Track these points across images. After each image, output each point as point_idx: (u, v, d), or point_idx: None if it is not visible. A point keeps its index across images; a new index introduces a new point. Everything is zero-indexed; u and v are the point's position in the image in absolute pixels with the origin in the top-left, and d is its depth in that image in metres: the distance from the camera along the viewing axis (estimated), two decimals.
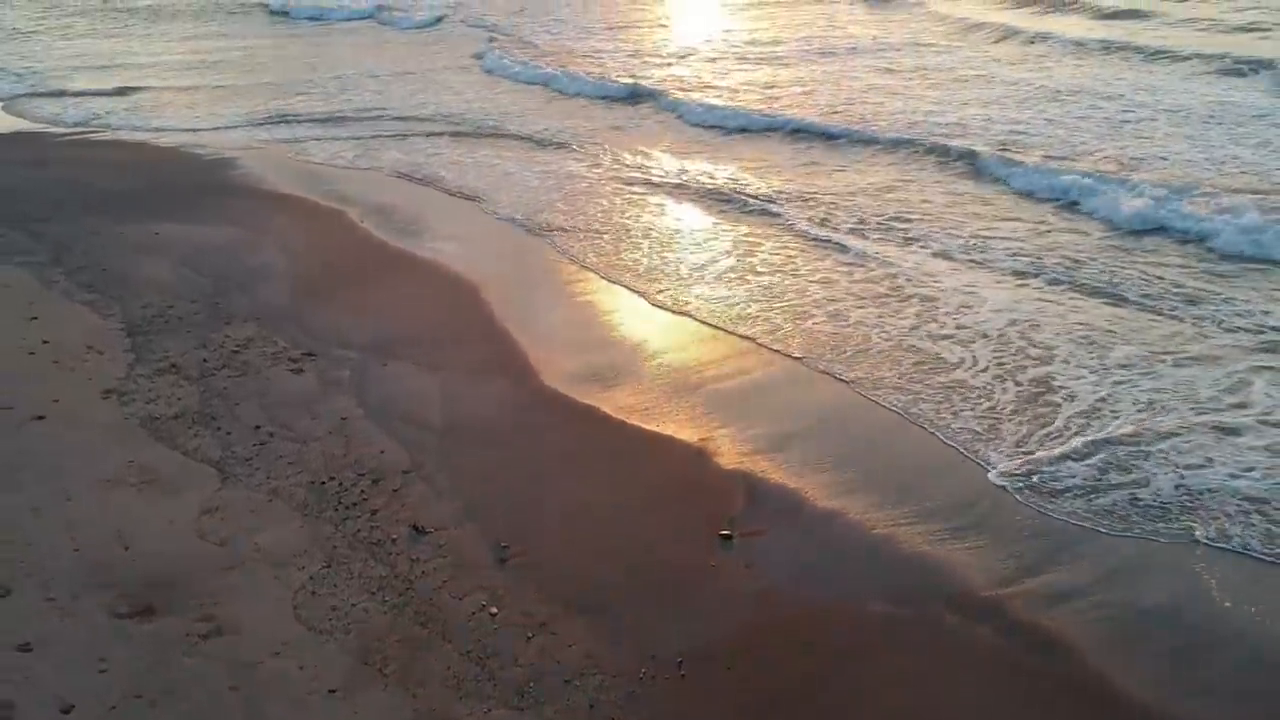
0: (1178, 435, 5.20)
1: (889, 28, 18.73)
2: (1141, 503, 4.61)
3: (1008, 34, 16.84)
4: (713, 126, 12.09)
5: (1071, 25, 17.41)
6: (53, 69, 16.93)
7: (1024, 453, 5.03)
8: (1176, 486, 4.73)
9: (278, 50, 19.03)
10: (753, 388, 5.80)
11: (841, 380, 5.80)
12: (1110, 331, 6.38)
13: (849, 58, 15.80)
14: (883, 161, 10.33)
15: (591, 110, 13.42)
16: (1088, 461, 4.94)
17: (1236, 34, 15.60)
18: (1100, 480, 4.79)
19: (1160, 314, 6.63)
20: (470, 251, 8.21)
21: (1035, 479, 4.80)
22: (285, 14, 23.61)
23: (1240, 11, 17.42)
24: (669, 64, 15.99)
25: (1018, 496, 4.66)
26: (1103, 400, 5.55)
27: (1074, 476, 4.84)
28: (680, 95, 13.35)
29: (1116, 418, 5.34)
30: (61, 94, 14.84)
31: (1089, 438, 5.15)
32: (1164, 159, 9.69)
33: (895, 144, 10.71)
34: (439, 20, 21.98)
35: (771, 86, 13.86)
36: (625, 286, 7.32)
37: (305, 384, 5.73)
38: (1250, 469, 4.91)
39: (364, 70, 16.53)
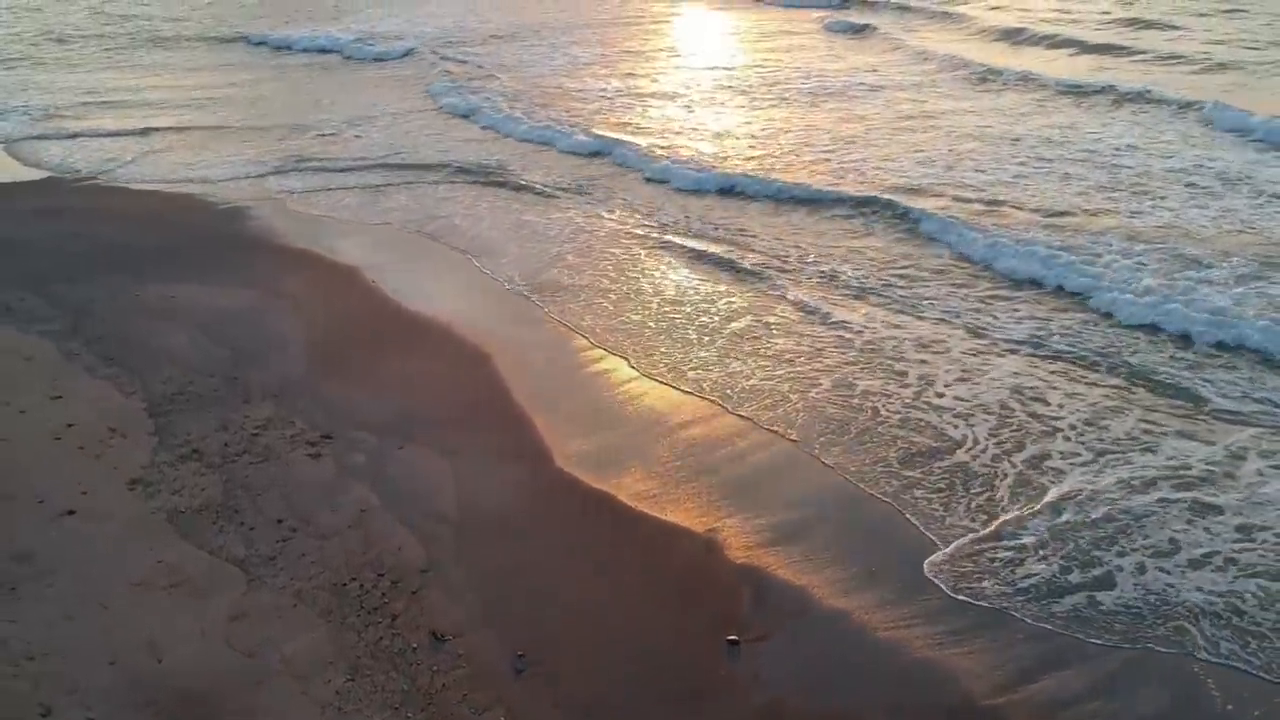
0: (1152, 515, 5.46)
1: (872, 65, 18.45)
2: (1103, 606, 4.78)
3: (990, 74, 16.67)
4: (695, 190, 11.60)
5: (1052, 62, 17.37)
6: (58, 105, 17.03)
7: (976, 547, 5.24)
8: (1135, 584, 4.94)
9: (272, 85, 18.86)
10: (757, 473, 5.98)
11: (842, 467, 5.98)
12: (1113, 407, 6.59)
13: (835, 101, 15.56)
14: (871, 226, 10.18)
15: (566, 163, 13.13)
16: (1048, 558, 5.13)
17: (1223, 71, 15.71)
18: (1061, 579, 4.97)
19: (1161, 385, 6.87)
20: (479, 314, 8.38)
21: (988, 582, 4.95)
22: (264, 44, 23.56)
23: (1217, 44, 17.57)
24: (654, 107, 15.73)
25: (959, 597, 4.85)
26: (1086, 482, 5.77)
27: (1033, 576, 5.00)
28: (662, 151, 12.91)
29: (1094, 501, 5.57)
30: (69, 136, 14.99)
31: (1054, 522, 5.38)
32: (1152, 211, 9.91)
33: (883, 207, 10.45)
34: (409, 53, 21.55)
35: (760, 135, 13.67)
36: (630, 358, 7.48)
37: (323, 471, 5.91)
38: (1213, 554, 5.17)
39: (359, 108, 16.52)
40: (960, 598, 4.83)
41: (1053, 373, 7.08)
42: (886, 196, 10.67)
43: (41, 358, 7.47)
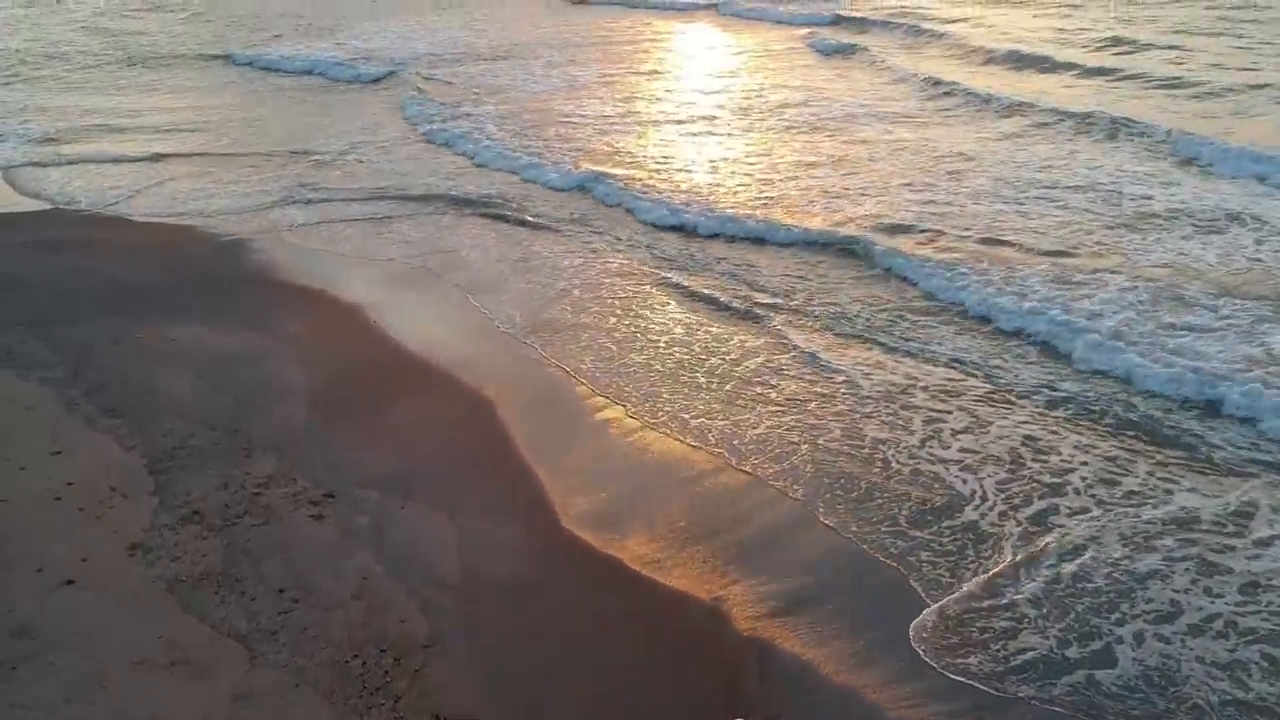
0: (1154, 576, 5.47)
1: (865, 89, 18.05)
2: (1103, 688, 4.74)
3: (985, 99, 16.31)
4: (694, 229, 11.26)
5: (1048, 86, 17.07)
6: (56, 129, 16.98)
7: (972, 616, 5.19)
8: (1134, 658, 4.91)
9: (264, 109, 18.60)
10: (762, 534, 5.93)
11: (849, 528, 5.94)
12: (1122, 459, 6.56)
13: (832, 128, 15.26)
14: (873, 266, 9.93)
15: (562, 196, 12.90)
16: (1044, 630, 5.08)
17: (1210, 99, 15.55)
18: (1057, 655, 4.93)
19: (1171, 436, 6.84)
20: (481, 356, 8.33)
21: (977, 657, 4.91)
22: (251, 65, 23.38)
23: (1215, 67, 17.43)
24: (651, 135, 15.43)
25: (952, 676, 4.80)
26: (1090, 538, 5.78)
27: (1029, 650, 4.96)
28: (660, 185, 12.63)
29: (1095, 563, 5.57)
30: (68, 162, 14.95)
31: (1054, 586, 5.36)
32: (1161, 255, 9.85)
33: (884, 247, 10.11)
34: (401, 74, 21.23)
35: (757, 166, 13.45)
36: (633, 406, 7.42)
37: (325, 534, 5.86)
38: (1213, 618, 5.18)
39: (354, 133, 16.39)
40: (954, 677, 4.79)
41: (1061, 422, 7.03)
42: (885, 236, 10.48)
43: (42, 408, 7.42)
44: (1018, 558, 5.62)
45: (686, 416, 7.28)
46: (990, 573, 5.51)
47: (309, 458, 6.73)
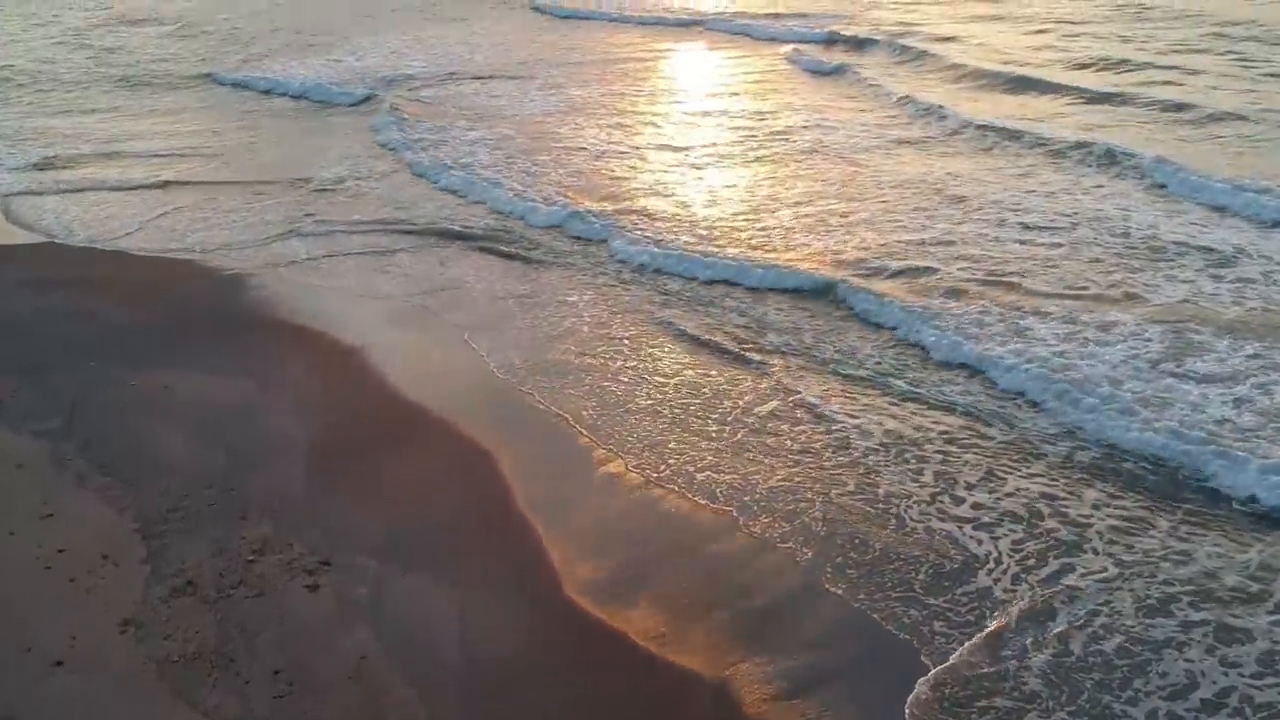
0: (1169, 645, 5.38)
1: (861, 114, 17.63)
2: None
3: (983, 128, 15.87)
4: (694, 274, 10.85)
5: (1048, 111, 16.80)
6: (55, 155, 16.81)
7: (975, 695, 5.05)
8: None
9: (258, 134, 18.33)
10: (771, 604, 5.77)
11: (859, 595, 5.80)
12: (1141, 516, 6.46)
13: (834, 157, 14.97)
14: (879, 314, 9.52)
15: (556, 233, 12.50)
16: (1051, 714, 4.96)
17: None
18: None
19: (1191, 488, 6.74)
20: (480, 403, 8.19)
21: None
22: (243, 86, 23.06)
23: (1216, 89, 17.28)
24: (650, 166, 15.02)
25: None
26: (1104, 601, 5.69)
27: None
28: (660, 223, 12.29)
29: (1107, 631, 5.47)
30: (64, 191, 14.82)
31: (1063, 659, 5.22)
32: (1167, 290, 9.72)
33: (889, 294, 9.76)
34: (382, 95, 20.81)
35: (755, 199, 13.25)
36: (638, 459, 7.28)
37: (322, 606, 5.72)
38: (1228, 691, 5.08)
39: (349, 160, 16.20)
40: None
41: (1076, 477, 6.88)
42: (890, 280, 10.21)
43: (34, 465, 7.27)
44: (1027, 628, 5.49)
45: (692, 470, 7.14)
46: (997, 641, 5.38)
47: (305, 520, 6.58)
